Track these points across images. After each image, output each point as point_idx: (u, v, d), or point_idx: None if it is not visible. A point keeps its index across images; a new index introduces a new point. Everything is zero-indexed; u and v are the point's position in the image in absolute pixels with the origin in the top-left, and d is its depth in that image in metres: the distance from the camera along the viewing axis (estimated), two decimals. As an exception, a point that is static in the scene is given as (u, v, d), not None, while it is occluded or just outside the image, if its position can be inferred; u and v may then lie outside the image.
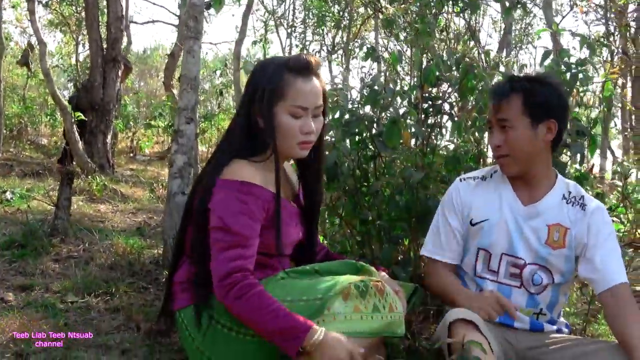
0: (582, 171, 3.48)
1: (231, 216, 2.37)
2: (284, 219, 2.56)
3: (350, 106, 3.59)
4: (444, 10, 3.91)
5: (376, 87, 3.49)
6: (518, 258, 2.76)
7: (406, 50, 3.91)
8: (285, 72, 2.49)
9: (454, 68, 3.64)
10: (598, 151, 3.47)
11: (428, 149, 3.72)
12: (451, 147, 3.91)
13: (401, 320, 2.44)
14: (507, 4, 4.94)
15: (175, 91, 10.06)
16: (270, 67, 2.52)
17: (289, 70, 2.49)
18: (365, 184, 3.69)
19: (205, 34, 22.58)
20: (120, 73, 8.58)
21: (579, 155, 3.37)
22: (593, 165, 4.12)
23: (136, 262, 4.04)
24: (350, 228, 3.78)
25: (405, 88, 3.83)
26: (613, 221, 3.60)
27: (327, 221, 4.03)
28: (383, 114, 3.51)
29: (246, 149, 2.52)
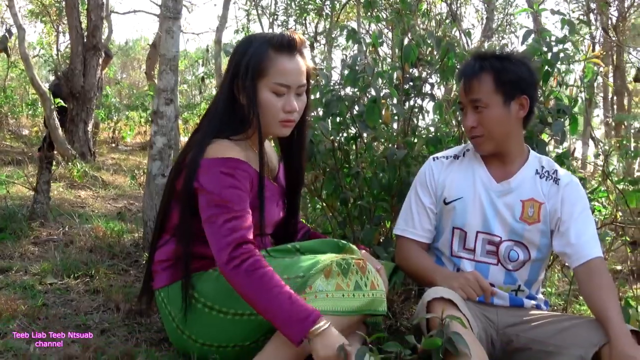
0: (563, 150, 3.48)
1: (223, 190, 2.35)
2: (268, 198, 2.56)
3: (331, 87, 3.57)
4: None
5: (357, 67, 3.47)
6: (494, 235, 2.75)
7: (387, 33, 3.87)
8: (268, 49, 2.47)
9: (434, 48, 3.63)
10: (580, 139, 3.46)
11: (409, 130, 3.72)
12: (432, 128, 3.90)
13: (383, 298, 2.44)
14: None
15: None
16: (254, 43, 2.49)
17: (272, 48, 2.47)
18: (347, 165, 3.68)
19: (187, 24, 22.55)
20: (101, 61, 8.50)
21: (560, 134, 3.36)
22: (574, 149, 4.13)
23: (116, 245, 4.00)
24: (331, 209, 3.77)
25: (387, 69, 3.82)
26: (594, 206, 3.61)
27: (308, 205, 4.02)
28: (363, 94, 3.49)
29: (228, 128, 2.50)
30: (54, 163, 6.38)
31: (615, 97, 15.24)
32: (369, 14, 3.76)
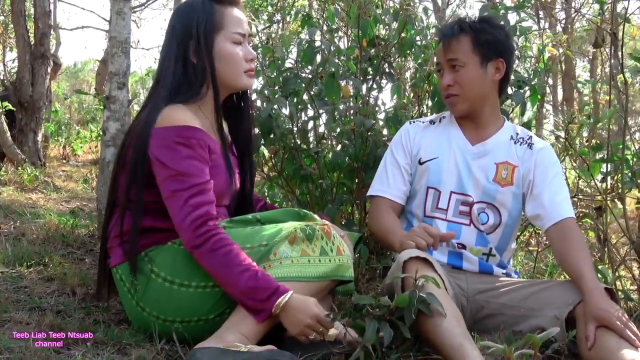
0: (525, 121, 3.49)
1: (181, 162, 2.28)
2: (225, 165, 2.49)
3: (288, 63, 3.53)
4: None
5: (314, 43, 3.43)
6: (467, 195, 2.77)
7: (343, 14, 3.82)
8: (214, 4, 2.47)
9: (391, 21, 3.60)
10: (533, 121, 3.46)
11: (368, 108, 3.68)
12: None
13: (349, 264, 2.41)
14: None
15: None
16: (196, 4, 2.48)
17: (217, 2, 2.47)
18: (306, 147, 3.63)
19: (137, 40, 22.39)
20: (49, 70, 8.33)
21: (521, 105, 3.38)
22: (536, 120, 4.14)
23: (70, 235, 3.87)
24: (291, 192, 3.70)
25: (343, 46, 3.79)
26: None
27: (265, 187, 3.95)
28: (321, 70, 3.44)
29: (179, 93, 2.43)
30: (2, 167, 6.23)
31: (565, 103, 15.44)
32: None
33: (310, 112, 3.65)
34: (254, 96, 3.38)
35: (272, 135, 3.38)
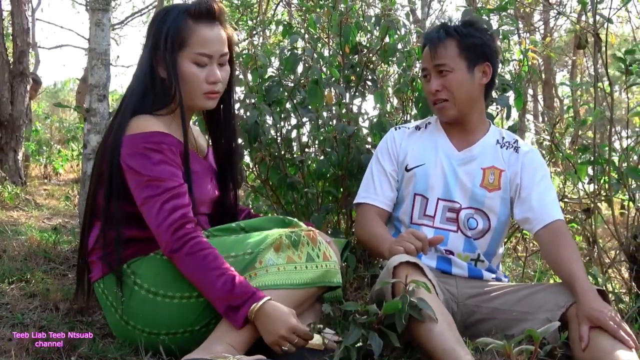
0: (515, 120, 3.48)
1: (153, 168, 2.24)
2: (197, 172, 2.46)
3: (270, 72, 3.51)
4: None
5: (296, 50, 3.41)
6: (454, 202, 2.74)
7: (324, 23, 3.82)
8: (187, 18, 2.39)
9: (373, 27, 3.58)
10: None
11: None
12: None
13: (337, 270, 2.36)
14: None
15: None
16: (171, 14, 2.41)
17: (190, 17, 2.39)
18: (290, 155, 3.60)
19: (116, 56, 22.31)
20: (28, 88, 8.27)
21: (506, 109, 3.37)
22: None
23: (52, 251, 3.80)
24: (277, 198, 3.67)
25: (326, 54, 3.76)
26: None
27: (250, 198, 3.92)
28: (304, 80, 3.41)
29: (149, 104, 2.39)
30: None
31: (546, 112, 15.47)
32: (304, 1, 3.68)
33: (294, 121, 3.61)
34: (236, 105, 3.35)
35: (257, 144, 3.34)
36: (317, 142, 3.66)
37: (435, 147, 2.82)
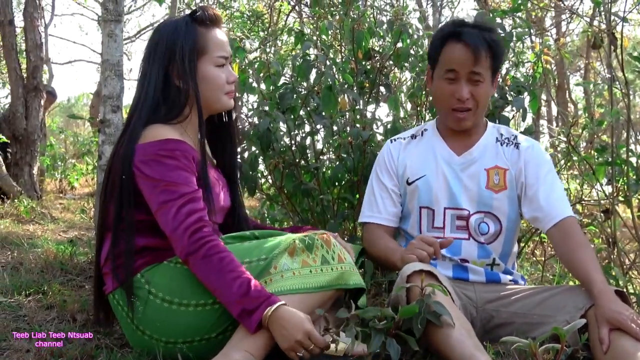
0: (528, 124, 3.45)
1: (168, 173, 2.25)
2: (212, 181, 2.46)
3: (283, 79, 3.50)
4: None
5: (308, 57, 3.40)
6: (462, 209, 2.69)
7: (336, 30, 3.81)
8: (197, 26, 2.45)
9: (386, 32, 3.57)
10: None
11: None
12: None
13: (352, 271, 2.34)
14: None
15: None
16: (179, 25, 2.45)
17: (200, 25, 2.45)
18: (305, 162, 3.59)
19: (127, 70, 22.35)
20: (43, 102, 8.31)
21: (521, 111, 3.34)
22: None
23: (69, 263, 3.80)
24: (292, 206, 3.66)
25: (338, 60, 3.75)
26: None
27: (264, 207, 3.91)
28: (317, 85, 3.40)
29: (162, 113, 2.40)
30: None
31: (559, 117, 15.43)
32: (316, 9, 3.68)
33: (308, 128, 3.61)
34: (250, 113, 3.35)
35: (271, 151, 3.33)
36: (331, 148, 3.65)
37: (434, 156, 2.76)
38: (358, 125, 3.33)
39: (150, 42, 2.50)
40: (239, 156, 2.78)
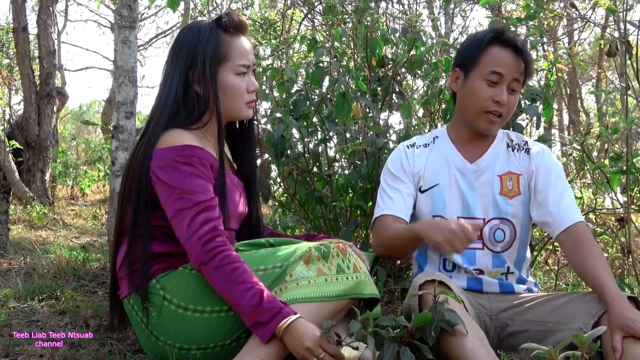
0: (540, 134, 3.44)
1: (184, 181, 2.24)
2: (230, 187, 2.45)
3: (296, 87, 3.50)
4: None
5: (321, 64, 3.40)
6: (475, 219, 2.67)
7: (350, 37, 3.82)
8: (221, 33, 2.42)
9: (400, 39, 3.57)
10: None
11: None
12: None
13: (367, 281, 2.32)
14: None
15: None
16: (203, 30, 2.43)
17: (224, 31, 2.43)
18: (319, 170, 3.59)
19: (140, 77, 22.40)
20: (55, 109, 8.33)
21: (535, 118, 3.33)
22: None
23: (81, 269, 3.81)
24: (305, 212, 3.65)
25: (352, 67, 3.75)
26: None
27: (277, 214, 3.91)
28: (330, 94, 3.41)
29: (181, 119, 2.40)
30: (11, 205, 6.19)
31: (571, 126, 15.41)
32: (330, 16, 3.68)
33: (321, 135, 3.60)
34: (263, 120, 3.36)
35: (284, 158, 3.33)
36: (345, 155, 3.65)
37: (447, 164, 2.75)
38: (372, 132, 3.32)
39: (173, 46, 2.50)
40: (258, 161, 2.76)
